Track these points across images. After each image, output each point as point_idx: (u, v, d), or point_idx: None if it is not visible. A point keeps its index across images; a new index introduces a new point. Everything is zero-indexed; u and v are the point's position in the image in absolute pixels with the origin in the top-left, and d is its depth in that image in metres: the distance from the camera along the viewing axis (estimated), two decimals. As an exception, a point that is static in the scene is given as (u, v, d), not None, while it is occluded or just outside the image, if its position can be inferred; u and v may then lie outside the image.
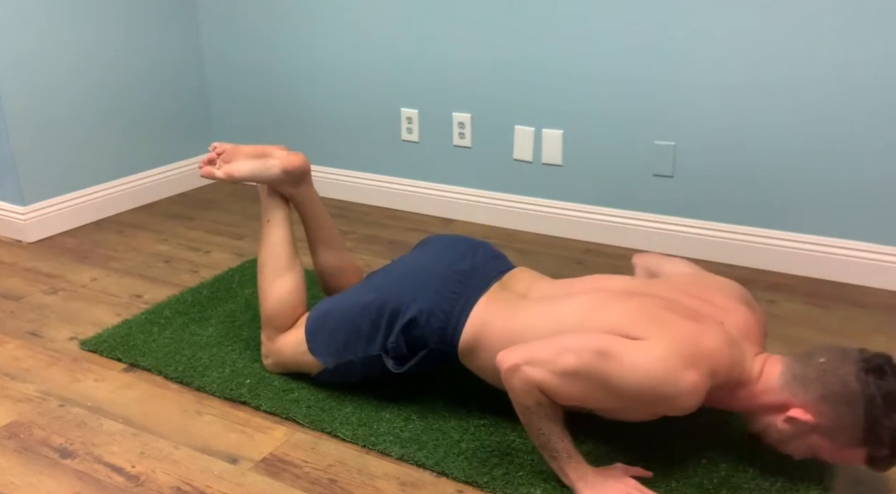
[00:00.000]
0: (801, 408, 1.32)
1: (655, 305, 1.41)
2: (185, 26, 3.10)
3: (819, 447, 1.34)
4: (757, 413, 1.39)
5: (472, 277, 1.61)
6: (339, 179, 3.03)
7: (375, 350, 1.62)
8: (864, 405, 1.27)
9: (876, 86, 2.08)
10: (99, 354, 1.93)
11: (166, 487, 1.48)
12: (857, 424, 1.28)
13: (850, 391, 1.28)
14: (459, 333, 1.55)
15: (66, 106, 2.74)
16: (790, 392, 1.34)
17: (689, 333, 1.34)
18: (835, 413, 1.29)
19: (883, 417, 1.26)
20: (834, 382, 1.30)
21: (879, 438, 1.27)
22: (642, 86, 2.37)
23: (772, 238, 2.32)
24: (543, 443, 1.40)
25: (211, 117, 3.27)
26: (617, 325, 1.37)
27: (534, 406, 1.36)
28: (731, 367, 1.35)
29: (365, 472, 1.50)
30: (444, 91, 2.71)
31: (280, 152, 1.83)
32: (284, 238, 1.80)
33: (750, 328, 1.43)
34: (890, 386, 1.27)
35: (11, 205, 2.68)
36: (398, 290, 1.62)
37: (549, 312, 1.48)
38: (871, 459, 1.31)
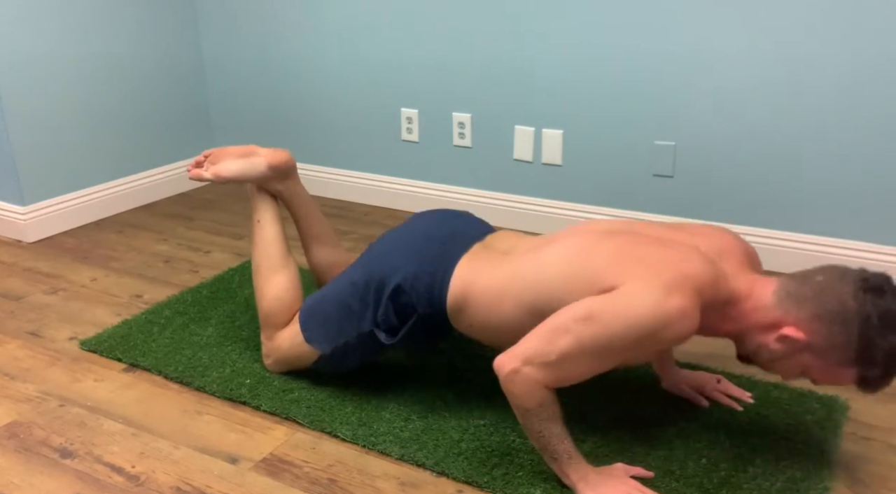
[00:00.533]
0: (793, 326, 1.30)
1: (633, 242, 1.40)
2: (185, 26, 3.10)
3: (810, 366, 1.32)
4: (748, 333, 1.37)
5: (453, 239, 1.62)
6: (339, 179, 3.03)
7: (367, 326, 1.62)
8: (859, 324, 1.25)
9: (876, 87, 2.08)
10: (99, 354, 1.93)
11: (166, 487, 1.48)
12: (850, 343, 1.25)
13: (846, 309, 1.26)
14: (446, 293, 1.55)
15: (66, 106, 2.74)
16: (783, 309, 1.31)
17: (666, 261, 1.33)
18: (828, 331, 1.27)
19: (877, 336, 1.24)
20: (830, 300, 1.27)
21: (872, 358, 1.25)
22: (642, 86, 2.37)
23: (772, 238, 2.32)
24: (544, 446, 1.39)
25: (211, 117, 3.27)
26: (599, 267, 1.36)
27: (535, 408, 1.35)
28: (716, 284, 1.33)
29: (365, 472, 1.50)
30: (444, 91, 2.71)
31: (264, 150, 1.85)
32: (276, 236, 1.82)
33: (730, 248, 1.42)
34: (887, 305, 1.25)
35: (11, 205, 2.68)
36: (381, 262, 1.63)
37: (533, 262, 1.48)
38: (862, 379, 1.29)
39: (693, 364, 1.81)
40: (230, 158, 1.86)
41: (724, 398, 1.67)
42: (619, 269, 1.34)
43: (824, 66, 2.13)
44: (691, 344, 1.90)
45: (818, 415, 1.63)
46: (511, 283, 1.47)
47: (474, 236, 1.64)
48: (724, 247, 1.42)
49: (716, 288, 1.33)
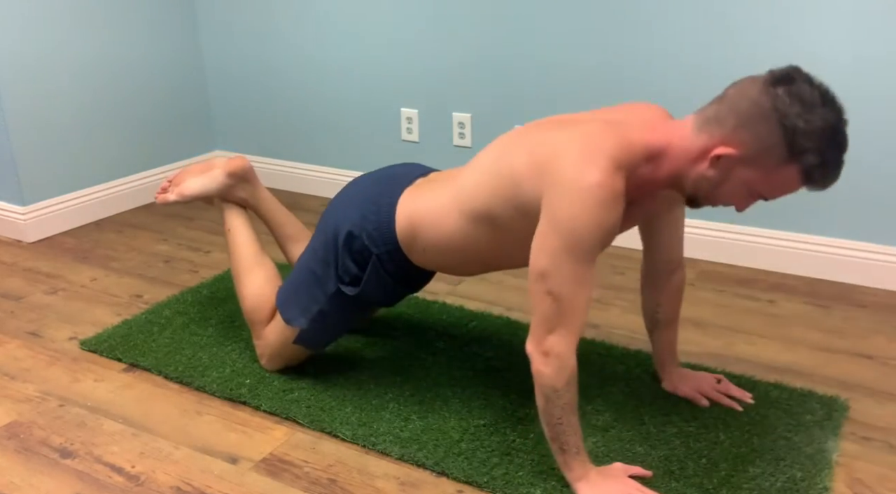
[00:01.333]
0: (721, 145, 1.28)
1: (539, 134, 1.40)
2: (185, 26, 3.10)
3: (752, 181, 1.30)
4: (684, 173, 1.34)
5: (394, 180, 1.64)
6: (340, 179, 3.02)
7: (333, 285, 1.64)
8: (778, 116, 1.23)
9: (876, 86, 2.08)
10: (99, 354, 1.93)
11: (166, 487, 1.48)
12: (778, 138, 1.23)
13: (762, 107, 1.24)
14: (394, 226, 1.57)
15: (66, 106, 2.74)
16: (707, 134, 1.30)
17: (569, 141, 1.31)
18: (754, 135, 1.25)
19: (800, 121, 1.22)
20: (745, 105, 1.26)
21: (803, 146, 1.23)
22: (642, 86, 2.37)
23: (772, 238, 2.32)
24: (557, 435, 1.38)
25: (211, 117, 3.27)
26: (518, 170, 1.36)
27: (563, 386, 1.33)
28: (628, 144, 1.31)
29: (365, 472, 1.50)
30: (444, 91, 2.71)
31: (220, 160, 1.93)
32: (247, 239, 1.87)
33: (629, 109, 1.42)
34: (800, 90, 1.23)
35: (11, 205, 2.68)
36: (331, 220, 1.66)
37: (466, 172, 1.50)
38: (805, 174, 1.26)
39: (693, 364, 1.81)
40: (191, 176, 1.93)
41: (724, 398, 1.66)
42: (537, 171, 1.32)
43: (824, 66, 2.12)
44: (691, 344, 1.91)
45: (818, 415, 1.62)
46: (451, 199, 1.50)
47: (417, 174, 1.66)
48: (634, 110, 1.42)
49: (628, 147, 1.31)
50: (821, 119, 1.22)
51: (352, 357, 1.88)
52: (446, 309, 2.10)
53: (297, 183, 3.11)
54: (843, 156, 1.26)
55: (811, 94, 1.23)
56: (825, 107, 1.23)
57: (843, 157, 1.26)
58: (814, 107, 1.22)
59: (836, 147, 1.25)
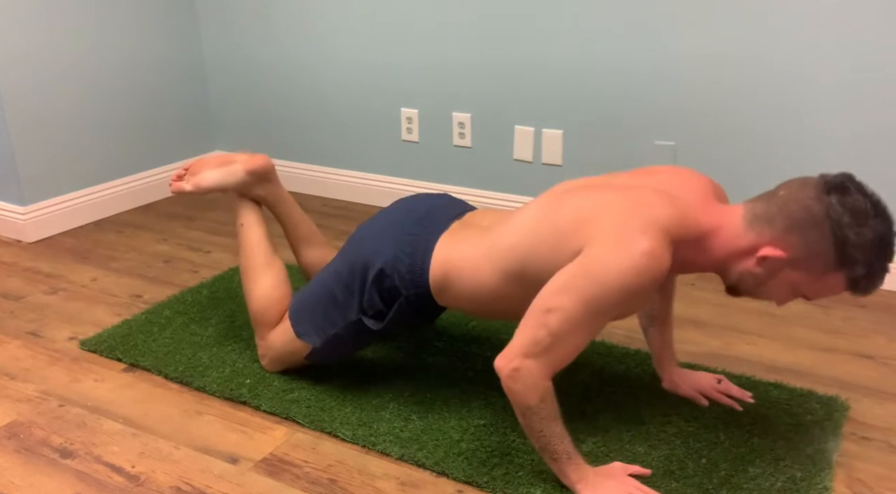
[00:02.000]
0: (770, 246, 1.29)
1: (591, 195, 1.39)
2: (186, 26, 3.10)
3: (798, 283, 1.30)
4: (728, 264, 1.35)
5: (430, 219, 1.62)
6: (339, 179, 3.03)
7: (354, 314, 1.63)
8: (830, 226, 1.23)
9: (877, 86, 2.08)
10: (99, 354, 1.93)
11: (166, 487, 1.48)
12: (827, 247, 1.24)
13: (813, 214, 1.24)
14: (427, 272, 1.55)
15: (67, 106, 2.74)
16: (756, 232, 1.30)
17: (625, 208, 1.30)
18: (804, 241, 1.26)
19: (852, 234, 1.22)
20: (797, 210, 1.26)
21: (852, 257, 1.24)
22: (642, 86, 2.37)
23: (772, 238, 2.32)
24: (544, 446, 1.39)
25: (211, 117, 3.27)
26: (564, 227, 1.35)
27: (537, 404, 1.35)
28: (681, 220, 1.31)
29: (365, 472, 1.50)
30: (444, 91, 2.71)
31: (242, 156, 1.88)
32: (260, 238, 1.84)
33: (689, 183, 1.40)
34: (854, 201, 1.24)
35: (11, 205, 2.68)
36: (362, 249, 1.64)
37: (504, 227, 1.49)
38: (851, 282, 1.27)
39: (693, 364, 1.81)
40: (209, 168, 1.88)
41: (724, 398, 1.66)
42: (581, 229, 1.32)
43: (824, 67, 2.13)
44: (691, 344, 1.91)
45: (818, 415, 1.63)
46: (488, 253, 1.49)
47: (452, 215, 1.64)
48: (686, 184, 1.40)
49: (682, 224, 1.31)
50: (872, 231, 1.23)
51: (352, 357, 1.88)
52: (446, 309, 2.10)
53: (297, 183, 3.11)
54: (888, 265, 1.27)
55: (864, 205, 1.24)
56: (876, 219, 1.24)
57: (889, 266, 1.28)
58: (866, 218, 1.23)
59: (884, 258, 1.27)
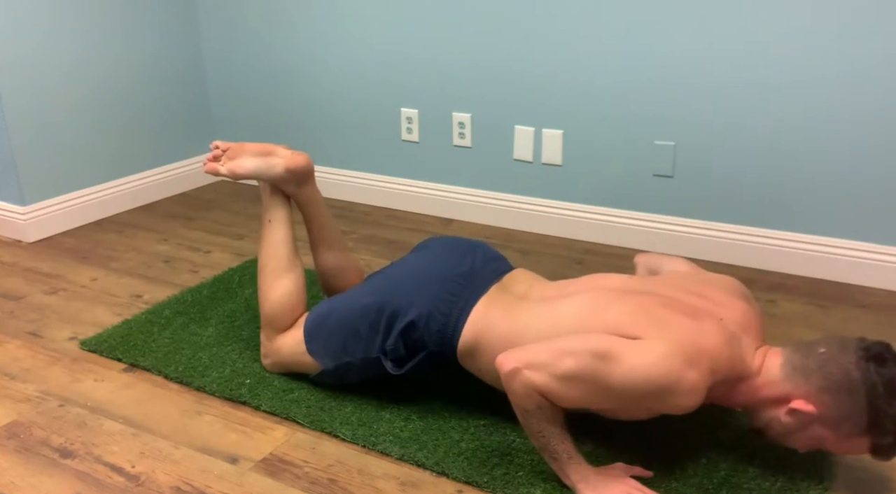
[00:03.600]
0: (802, 400, 1.31)
1: (653, 303, 1.40)
2: (186, 26, 3.10)
3: (822, 438, 1.34)
4: (759, 408, 1.39)
5: (471, 280, 1.61)
6: (339, 179, 3.03)
7: (374, 352, 1.62)
8: (865, 393, 1.26)
9: (876, 86, 2.08)
10: (99, 354, 1.93)
11: (166, 487, 1.48)
12: (859, 413, 1.27)
13: (851, 380, 1.27)
14: (458, 335, 1.55)
15: (67, 106, 2.74)
16: (792, 383, 1.33)
17: (687, 331, 1.33)
18: (837, 403, 1.29)
19: (885, 405, 1.26)
20: (835, 372, 1.29)
21: (882, 426, 1.27)
22: (642, 86, 2.37)
23: (772, 238, 2.32)
24: (544, 445, 1.39)
25: (211, 117, 3.27)
26: (615, 325, 1.37)
27: (534, 409, 1.36)
28: (731, 363, 1.34)
29: (365, 472, 1.50)
30: (444, 91, 2.71)
31: (284, 151, 1.81)
32: (286, 238, 1.80)
33: (749, 322, 1.42)
34: (891, 374, 1.27)
35: (11, 205, 2.68)
36: (397, 293, 1.62)
37: (547, 313, 1.48)
38: (875, 447, 1.30)
39: (693, 364, 1.80)
40: (248, 155, 1.80)
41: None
42: (640, 325, 1.35)
43: (825, 66, 2.13)
44: (691, 344, 1.90)
45: (818, 415, 1.63)
46: (524, 334, 1.47)
47: (492, 277, 1.63)
48: (748, 322, 1.42)
49: (730, 366, 1.34)
50: None
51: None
52: (446, 309, 2.10)
53: (297, 183, 3.11)
54: None
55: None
56: None
57: None
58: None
59: None
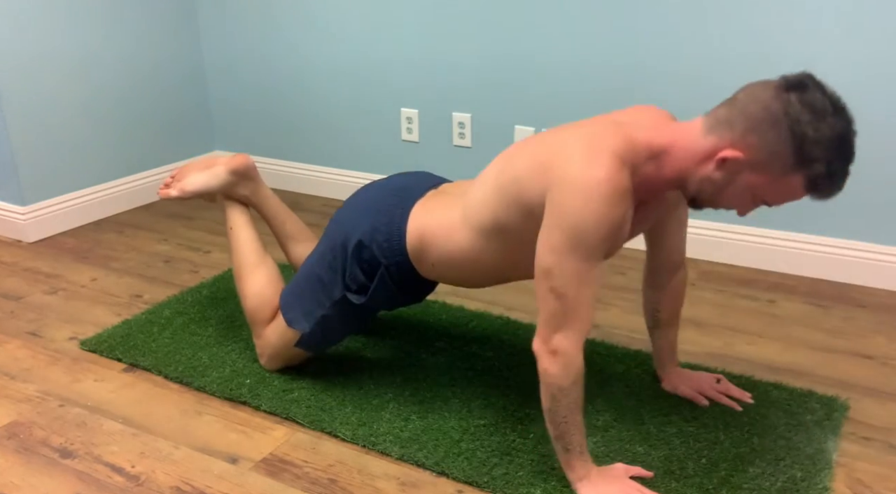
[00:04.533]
0: (729, 148, 1.28)
1: (542, 138, 1.41)
2: (186, 26, 3.10)
3: (757, 186, 1.29)
4: (689, 173, 1.34)
5: (405, 190, 1.64)
6: (339, 179, 3.03)
7: (339, 291, 1.64)
8: (788, 123, 1.22)
9: (876, 86, 2.08)
10: (99, 354, 1.93)
11: (166, 487, 1.48)
12: (786, 146, 1.23)
13: (772, 113, 1.23)
14: (404, 238, 1.57)
15: (67, 106, 2.74)
16: (717, 135, 1.29)
17: (571, 141, 1.31)
18: (762, 140, 1.24)
19: (809, 129, 1.21)
20: (756, 109, 1.25)
21: (811, 154, 1.22)
22: (642, 86, 2.37)
23: (772, 238, 2.32)
24: (562, 433, 1.38)
25: (211, 117, 3.27)
26: (522, 175, 1.36)
27: (570, 385, 1.33)
28: (630, 142, 1.31)
29: (365, 472, 1.50)
30: (444, 91, 2.71)
31: (223, 158, 1.93)
32: (249, 238, 1.87)
33: (639, 113, 1.43)
34: (812, 98, 1.22)
35: (11, 205, 2.68)
36: (341, 225, 1.66)
37: (474, 186, 1.50)
38: (810, 182, 1.26)
39: (693, 364, 1.81)
40: (193, 172, 1.92)
41: (723, 398, 1.67)
42: (540, 173, 1.33)
43: (824, 65, 2.12)
44: (691, 344, 1.91)
45: (818, 415, 1.62)
46: (460, 214, 1.50)
47: (427, 186, 1.66)
48: (638, 113, 1.43)
49: (631, 145, 1.31)
50: (830, 128, 1.22)
51: (352, 357, 1.88)
52: (446, 309, 2.10)
53: (297, 183, 3.11)
54: (849, 166, 1.25)
55: (822, 103, 1.22)
56: (836, 117, 1.22)
57: (850, 168, 1.26)
58: (825, 115, 1.21)
59: (844, 157, 1.24)
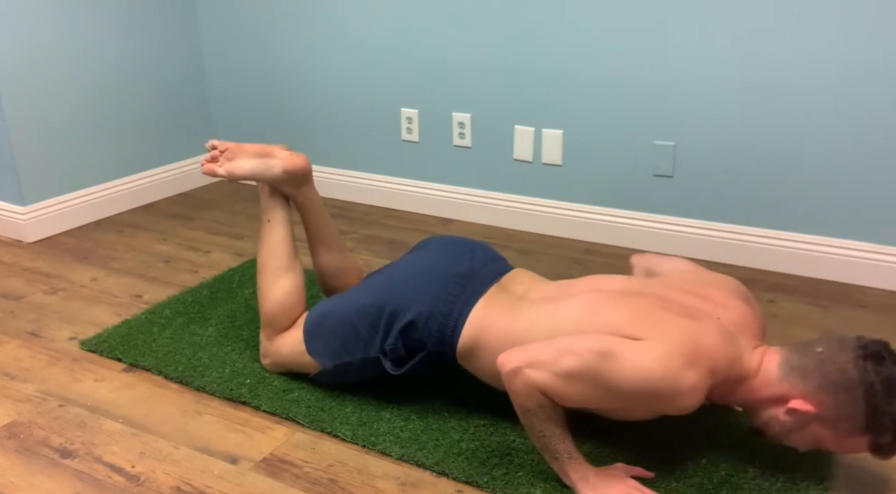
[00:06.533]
0: (801, 399, 1.31)
1: (652, 304, 1.40)
2: (186, 26, 3.10)
3: (822, 437, 1.34)
4: (757, 407, 1.39)
5: (471, 280, 1.61)
6: (339, 179, 3.03)
7: (373, 352, 1.62)
8: (863, 392, 1.26)
9: (876, 86, 2.07)
10: (99, 354, 1.93)
11: (166, 487, 1.48)
12: (857, 412, 1.27)
13: (848, 378, 1.27)
14: (458, 335, 1.55)
15: (66, 106, 2.74)
16: (789, 383, 1.33)
17: (686, 332, 1.33)
18: (835, 402, 1.29)
19: (883, 403, 1.26)
20: (832, 371, 1.29)
21: (881, 425, 1.27)
22: (642, 86, 2.37)
23: (772, 238, 2.32)
24: (545, 445, 1.40)
25: (211, 117, 3.27)
26: (615, 326, 1.37)
27: (535, 408, 1.36)
28: (731, 363, 1.34)
29: (365, 472, 1.50)
30: (444, 91, 2.71)
31: (283, 152, 1.82)
32: (285, 238, 1.80)
33: (747, 323, 1.43)
34: (888, 372, 1.27)
35: (11, 205, 2.68)
36: (396, 293, 1.62)
37: (547, 314, 1.48)
38: (875, 446, 1.30)
39: (693, 364, 1.80)
40: (246, 156, 1.80)
41: (724, 399, 1.67)
42: (639, 326, 1.35)
43: (825, 67, 2.13)
44: (691, 344, 1.90)
45: (818, 415, 1.63)
46: (524, 335, 1.47)
47: (491, 277, 1.63)
48: (746, 322, 1.43)
49: (729, 366, 1.34)
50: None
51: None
52: (446, 309, 2.10)
53: (297, 183, 3.11)
54: None
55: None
56: None
57: None
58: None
59: None
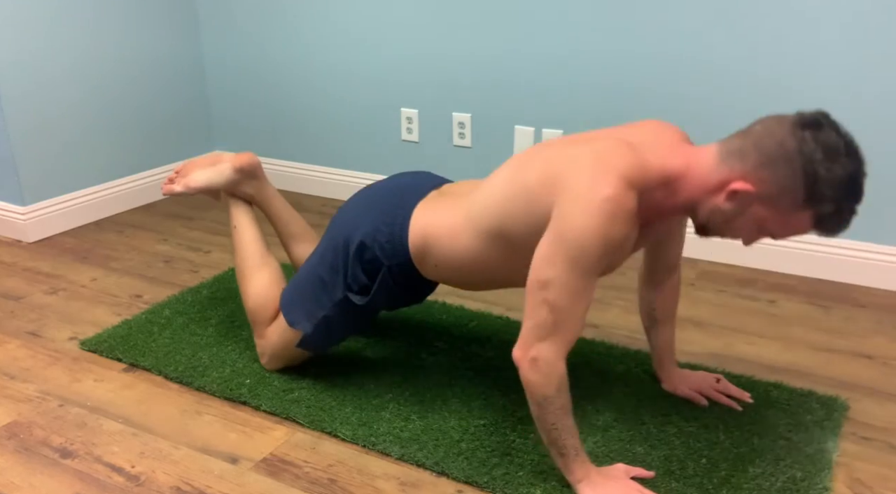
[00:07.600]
0: (741, 180, 1.29)
1: (555, 148, 1.40)
2: (186, 26, 3.10)
3: (765, 219, 1.30)
4: (699, 202, 1.35)
5: (407, 190, 1.64)
6: (340, 179, 3.03)
7: (340, 292, 1.64)
8: (802, 161, 1.23)
9: (876, 86, 2.08)
10: (99, 354, 1.93)
11: (166, 487, 1.48)
12: (797, 182, 1.24)
13: (787, 149, 1.24)
14: (406, 239, 1.56)
15: (67, 106, 2.74)
16: (728, 167, 1.30)
17: (583, 157, 1.31)
18: (774, 176, 1.26)
19: (822, 169, 1.22)
20: (770, 144, 1.26)
21: (821, 193, 1.24)
22: (642, 86, 2.37)
23: (772, 238, 2.32)
24: (554, 439, 1.39)
25: (211, 117, 3.27)
26: (532, 186, 1.36)
27: (554, 393, 1.34)
28: (642, 165, 1.31)
29: (365, 472, 1.50)
30: (444, 91, 2.71)
31: (229, 155, 1.93)
32: (253, 238, 1.87)
33: (654, 132, 1.40)
34: (827, 138, 1.24)
35: (11, 205, 2.68)
36: (342, 226, 1.66)
37: (481, 190, 1.49)
38: (818, 219, 1.27)
39: (693, 364, 1.81)
40: (198, 169, 1.93)
41: (723, 398, 1.67)
42: (548, 186, 1.33)
43: (825, 66, 2.13)
44: (691, 344, 1.91)
45: (818, 415, 1.63)
46: (465, 217, 1.49)
47: (430, 186, 1.65)
48: (652, 133, 1.41)
49: (642, 168, 1.31)
50: (842, 169, 1.23)
51: (352, 357, 1.88)
52: (446, 309, 2.10)
53: (297, 183, 3.12)
54: (857, 206, 1.27)
55: (836, 143, 1.24)
56: (848, 158, 1.24)
57: (857, 208, 1.27)
58: (838, 156, 1.23)
59: (853, 198, 1.26)
